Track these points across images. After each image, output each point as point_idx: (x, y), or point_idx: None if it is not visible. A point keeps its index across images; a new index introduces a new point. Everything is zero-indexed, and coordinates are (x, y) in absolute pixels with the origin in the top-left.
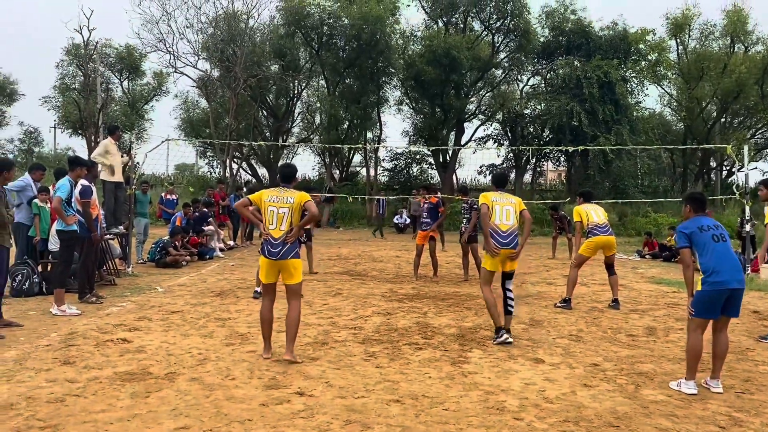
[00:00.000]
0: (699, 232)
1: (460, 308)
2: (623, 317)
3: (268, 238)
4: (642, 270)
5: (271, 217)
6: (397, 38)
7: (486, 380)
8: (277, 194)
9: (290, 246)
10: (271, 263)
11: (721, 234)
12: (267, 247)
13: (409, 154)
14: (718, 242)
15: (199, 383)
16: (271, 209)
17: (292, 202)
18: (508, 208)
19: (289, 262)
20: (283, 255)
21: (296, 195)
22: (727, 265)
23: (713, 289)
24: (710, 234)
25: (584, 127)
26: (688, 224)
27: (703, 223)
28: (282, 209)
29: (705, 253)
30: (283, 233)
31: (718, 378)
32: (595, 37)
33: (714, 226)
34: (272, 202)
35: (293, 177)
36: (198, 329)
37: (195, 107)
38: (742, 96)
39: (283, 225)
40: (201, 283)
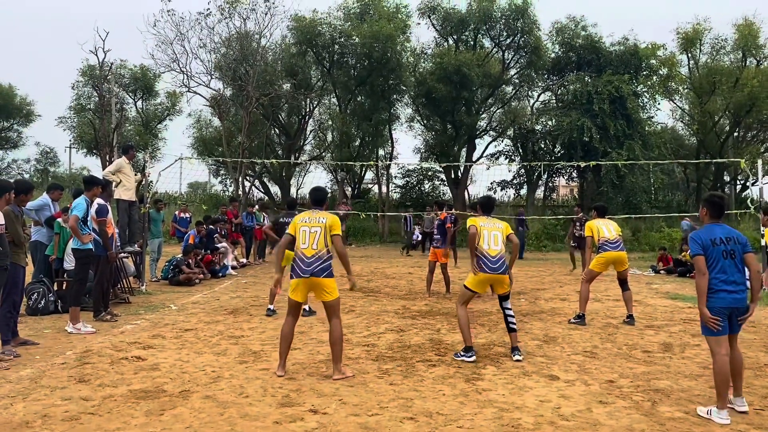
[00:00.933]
0: (711, 246)
1: (473, 324)
2: (638, 333)
3: (300, 256)
4: (657, 285)
5: (304, 236)
6: (407, 56)
7: (500, 397)
8: (310, 215)
9: (324, 265)
10: (303, 282)
11: (731, 250)
12: (299, 264)
13: (420, 170)
14: (726, 259)
15: (213, 401)
16: (303, 229)
17: (325, 222)
18: (496, 234)
19: (322, 281)
20: (315, 273)
21: (329, 216)
22: (728, 284)
23: (719, 305)
24: (721, 249)
25: (595, 143)
26: (702, 234)
27: (716, 235)
28: (314, 228)
29: (712, 270)
30: (315, 252)
31: (741, 395)
32: (605, 53)
33: (726, 240)
34: (305, 222)
35: (324, 201)
36: (211, 347)
37: (208, 126)
38: (754, 110)
39: (315, 244)
40: (214, 301)
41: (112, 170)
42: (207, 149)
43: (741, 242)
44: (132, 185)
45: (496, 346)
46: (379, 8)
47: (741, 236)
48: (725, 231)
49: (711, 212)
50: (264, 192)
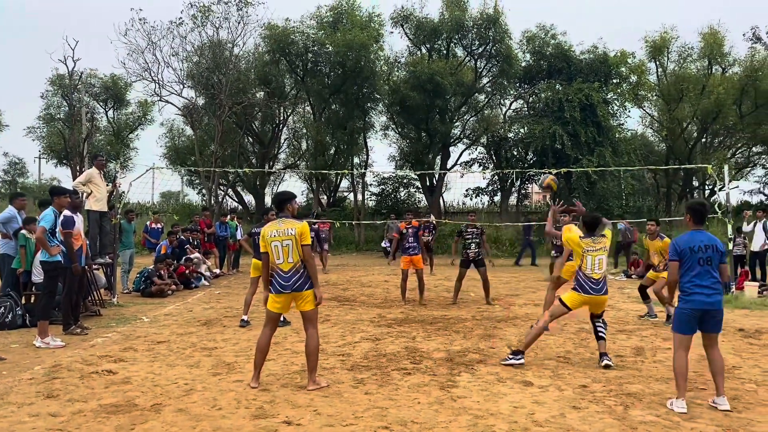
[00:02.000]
0: (689, 253)
1: (449, 332)
2: (611, 338)
3: (278, 272)
4: (628, 290)
5: (277, 251)
6: (381, 65)
7: (475, 404)
8: (277, 228)
9: (304, 278)
10: (286, 296)
11: (708, 257)
12: (278, 280)
13: (396, 178)
14: (702, 266)
15: (186, 414)
16: (275, 244)
17: (294, 233)
18: (601, 258)
19: (304, 294)
20: (297, 287)
21: (297, 226)
22: (705, 288)
23: (688, 307)
24: (698, 257)
25: (567, 150)
26: (682, 242)
27: (697, 243)
28: (286, 242)
29: (687, 274)
30: (291, 266)
31: (723, 395)
32: (575, 61)
33: (705, 248)
34: (274, 237)
35: (286, 204)
36: (184, 359)
37: (180, 135)
38: (721, 116)
39: (290, 257)
40: (187, 313)
41: (83, 181)
42: (180, 159)
43: (719, 251)
44: (103, 196)
45: (470, 353)
46: (352, 17)
47: (720, 245)
48: (707, 238)
49: (693, 219)
50: (238, 201)
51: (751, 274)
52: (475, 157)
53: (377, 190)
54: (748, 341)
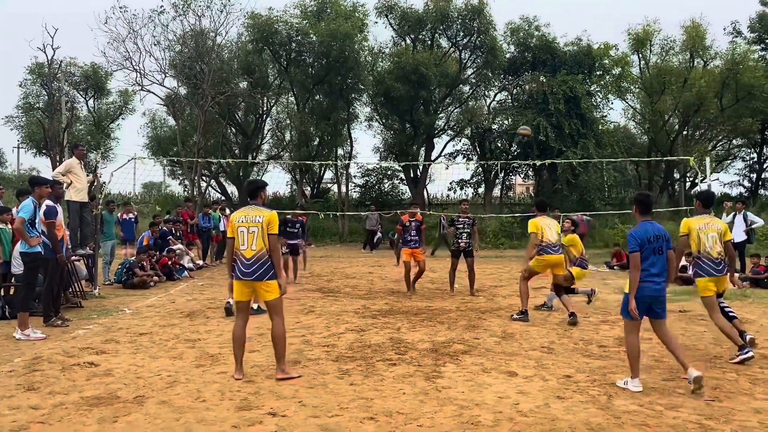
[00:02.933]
0: (647, 243)
1: (433, 323)
2: (594, 328)
3: (240, 258)
4: (611, 281)
5: (242, 237)
6: (365, 55)
7: (460, 395)
8: (246, 214)
9: (266, 267)
10: (245, 283)
11: (659, 247)
12: (240, 267)
13: (380, 170)
14: (655, 255)
15: (169, 406)
16: (241, 230)
17: (261, 221)
18: (714, 235)
19: (264, 284)
20: (258, 276)
21: (265, 214)
22: (651, 276)
23: (642, 294)
24: (653, 247)
25: (551, 142)
26: (640, 233)
27: (650, 234)
28: (252, 228)
29: (643, 263)
30: (254, 253)
31: (689, 367)
32: (560, 53)
33: (656, 238)
34: (241, 222)
35: (258, 192)
36: (167, 351)
37: (162, 125)
38: (702, 109)
39: (254, 245)
40: (170, 304)
41: (62, 171)
42: (162, 149)
43: (666, 239)
44: (83, 186)
45: (455, 343)
46: (336, 6)
47: (666, 233)
48: (656, 229)
49: (641, 210)
50: (221, 192)
51: None
52: (460, 149)
53: (361, 182)
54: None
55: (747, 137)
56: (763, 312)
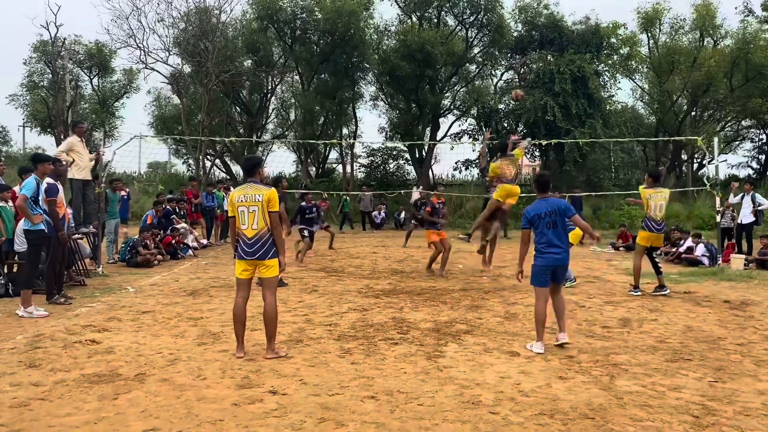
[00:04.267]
0: (538, 219)
1: (436, 302)
2: (598, 309)
3: (242, 237)
4: (616, 262)
5: (242, 216)
6: (371, 33)
7: (461, 374)
8: (245, 193)
9: (268, 245)
10: (247, 262)
11: (553, 221)
12: (241, 246)
13: (385, 150)
14: (550, 228)
15: (170, 384)
16: (241, 209)
17: (261, 199)
18: (661, 203)
19: (266, 262)
20: (260, 255)
21: (265, 192)
22: (553, 248)
23: (540, 264)
24: (545, 221)
25: (558, 122)
26: (531, 210)
27: (542, 210)
28: (252, 207)
29: (538, 236)
30: (255, 232)
31: (564, 331)
32: (567, 32)
33: (549, 213)
34: (241, 201)
35: (256, 169)
36: (169, 329)
37: (167, 104)
38: (711, 89)
39: (255, 224)
40: (173, 283)
41: (64, 149)
42: (166, 128)
43: (562, 211)
44: (86, 164)
45: (457, 323)
46: None
47: (562, 205)
48: (550, 205)
49: (538, 189)
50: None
51: (737, 246)
52: (465, 129)
53: (366, 162)
54: (734, 313)
55: (756, 118)
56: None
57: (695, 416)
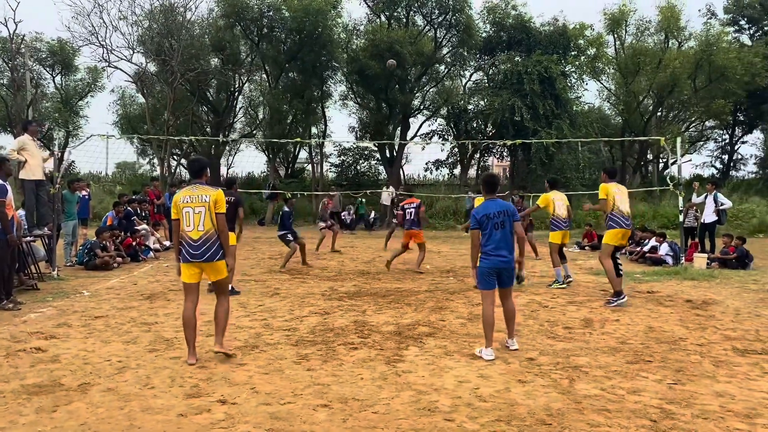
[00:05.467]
0: (486, 220)
1: (401, 305)
2: (561, 309)
3: (187, 240)
4: (581, 262)
5: (188, 217)
6: (339, 32)
7: (420, 379)
8: (191, 193)
9: (215, 248)
10: (193, 265)
11: (501, 222)
12: (186, 249)
13: (356, 149)
14: (497, 230)
15: (115, 394)
16: (186, 210)
17: (208, 200)
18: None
19: (214, 265)
20: (207, 258)
21: (212, 193)
22: (498, 249)
23: (486, 266)
24: (493, 222)
25: (526, 122)
26: (480, 211)
27: (491, 211)
28: (198, 208)
29: (485, 237)
30: (201, 234)
31: (513, 337)
32: (535, 33)
33: (497, 214)
34: (186, 202)
35: (203, 171)
36: (121, 335)
37: (132, 103)
38: (676, 90)
39: (201, 225)
40: (131, 286)
41: (15, 148)
42: (131, 127)
43: (510, 214)
44: (38, 163)
45: (420, 326)
46: None
47: (510, 208)
48: (498, 206)
49: (486, 190)
50: None
51: (700, 245)
52: (435, 129)
53: (337, 162)
54: (696, 312)
55: (719, 119)
56: (729, 293)
57: (653, 420)
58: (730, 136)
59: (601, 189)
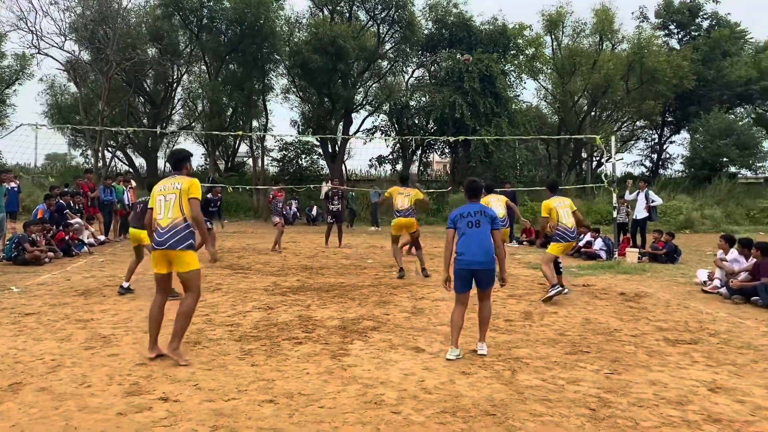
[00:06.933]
0: (460, 219)
1: (345, 299)
2: (501, 302)
3: (156, 228)
4: (519, 256)
5: (159, 206)
6: (281, 24)
7: (366, 373)
8: (165, 183)
9: (181, 236)
10: (161, 254)
11: (477, 221)
12: (155, 237)
13: (298, 144)
14: (471, 228)
15: (49, 393)
16: (159, 198)
17: (180, 187)
18: (567, 210)
19: (179, 254)
20: (171, 245)
21: (185, 181)
22: (472, 249)
23: (459, 267)
24: (466, 221)
25: (467, 119)
26: (455, 211)
27: (465, 210)
28: (170, 196)
29: (460, 237)
30: (170, 221)
31: (484, 341)
32: (476, 31)
33: (473, 213)
34: (161, 191)
35: (182, 163)
36: (54, 332)
37: (63, 92)
38: (609, 91)
39: (170, 212)
40: (64, 282)
41: None
42: (63, 117)
43: (488, 215)
44: None
45: (365, 320)
46: None
47: (489, 211)
48: (476, 207)
49: (467, 195)
50: (128, 164)
51: (632, 240)
52: (378, 125)
53: (279, 156)
54: (629, 305)
55: (649, 119)
56: (659, 285)
57: (592, 409)
58: (659, 136)
59: (543, 207)
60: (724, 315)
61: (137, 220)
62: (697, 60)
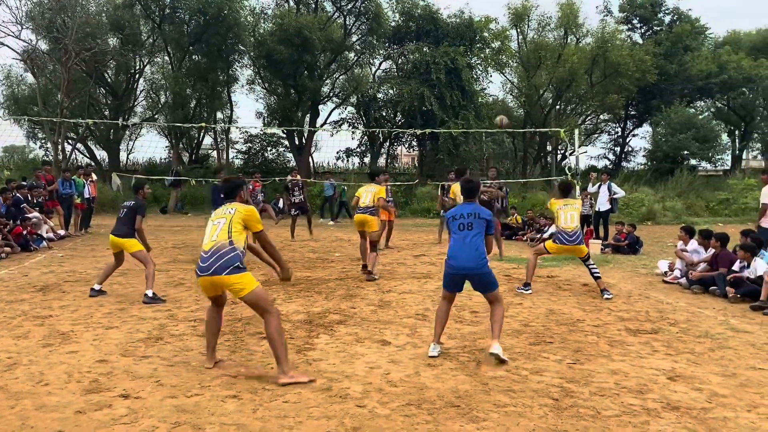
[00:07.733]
0: (452, 221)
1: (311, 293)
2: (468, 295)
3: (201, 253)
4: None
5: (207, 231)
6: (246, 15)
7: (331, 367)
8: (219, 211)
9: (225, 259)
10: (207, 282)
11: (469, 223)
12: (198, 263)
13: (264, 136)
14: (462, 230)
15: (4, 392)
16: (210, 224)
17: (233, 212)
18: (573, 213)
19: (224, 279)
20: (215, 271)
21: (241, 207)
22: (461, 252)
23: (448, 270)
24: (457, 223)
25: (434, 112)
26: (451, 210)
27: (458, 212)
28: (218, 220)
29: (450, 239)
30: (213, 244)
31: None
32: (443, 24)
33: (466, 215)
34: (214, 216)
35: (237, 191)
36: (11, 330)
37: (20, 83)
38: (574, 85)
39: (215, 236)
40: (21, 278)
41: None
42: (20, 109)
43: (482, 218)
44: None
45: (331, 314)
46: None
47: (484, 213)
48: (471, 208)
49: (463, 195)
50: (89, 156)
51: (595, 232)
52: (345, 117)
53: (244, 148)
54: (591, 295)
55: (613, 113)
56: (621, 276)
57: (555, 399)
58: (622, 130)
59: (551, 205)
60: (683, 305)
61: (120, 228)
62: (659, 54)
